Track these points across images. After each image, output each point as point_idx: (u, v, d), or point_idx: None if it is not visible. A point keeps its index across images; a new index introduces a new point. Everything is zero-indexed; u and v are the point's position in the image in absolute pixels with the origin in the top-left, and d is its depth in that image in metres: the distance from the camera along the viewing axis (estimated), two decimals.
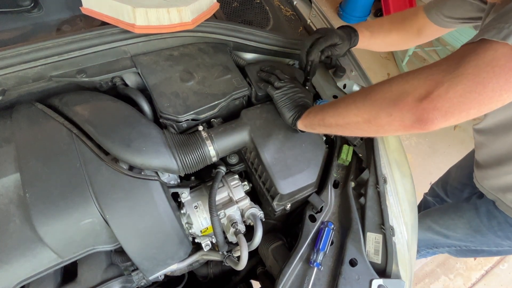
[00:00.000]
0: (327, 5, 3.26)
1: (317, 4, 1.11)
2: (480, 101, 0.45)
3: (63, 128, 0.65)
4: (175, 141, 0.70)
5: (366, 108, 0.56)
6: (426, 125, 0.48)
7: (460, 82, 0.45)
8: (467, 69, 0.45)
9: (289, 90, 0.76)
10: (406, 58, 2.78)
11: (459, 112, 0.46)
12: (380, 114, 0.53)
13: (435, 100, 0.46)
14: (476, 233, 0.99)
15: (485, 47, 0.45)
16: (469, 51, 0.46)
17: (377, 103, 0.54)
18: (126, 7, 0.71)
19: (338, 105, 0.63)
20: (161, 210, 0.65)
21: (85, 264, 0.75)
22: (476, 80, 0.44)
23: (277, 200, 0.74)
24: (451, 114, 0.46)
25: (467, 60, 0.45)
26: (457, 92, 0.45)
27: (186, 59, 0.82)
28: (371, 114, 0.55)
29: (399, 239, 0.73)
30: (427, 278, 1.83)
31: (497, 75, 0.43)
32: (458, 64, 0.46)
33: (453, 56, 0.48)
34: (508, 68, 0.43)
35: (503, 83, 0.43)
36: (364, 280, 0.65)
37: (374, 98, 0.54)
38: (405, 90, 0.50)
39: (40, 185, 0.59)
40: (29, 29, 0.86)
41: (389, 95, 0.52)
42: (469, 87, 0.44)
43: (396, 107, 0.50)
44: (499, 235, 0.93)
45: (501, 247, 0.99)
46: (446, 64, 0.47)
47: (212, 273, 0.94)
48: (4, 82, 0.69)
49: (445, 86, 0.45)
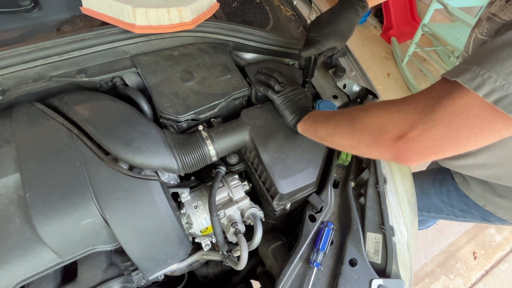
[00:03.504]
0: (327, 5, 3.27)
1: (317, 4, 1.11)
2: (455, 146, 0.45)
3: (63, 128, 0.65)
4: (175, 141, 0.70)
5: (349, 135, 0.57)
6: (403, 162, 0.50)
7: (435, 127, 0.44)
8: (442, 114, 0.43)
9: (290, 93, 0.75)
10: (406, 58, 2.78)
11: (435, 154, 0.46)
12: (361, 145, 0.55)
13: (410, 141, 0.46)
14: (424, 195, 1.09)
15: (460, 92, 0.42)
16: (446, 91, 0.44)
17: (358, 133, 0.55)
18: (126, 7, 0.71)
19: (329, 121, 0.63)
20: (161, 210, 0.65)
21: (85, 264, 0.75)
22: (450, 127, 0.43)
23: (277, 200, 0.74)
24: (427, 155, 0.47)
25: (443, 104, 0.44)
26: (431, 136, 0.45)
27: (186, 59, 0.82)
28: (354, 142, 0.56)
29: (399, 239, 0.73)
30: (427, 278, 1.83)
31: (471, 124, 0.42)
32: (434, 107, 0.44)
33: (432, 93, 0.47)
34: (482, 117, 0.41)
35: (477, 131, 0.42)
36: (364, 280, 0.65)
37: (357, 127, 0.55)
38: (384, 125, 0.50)
39: (40, 185, 0.59)
40: (29, 29, 0.86)
41: (370, 127, 0.52)
42: (443, 133, 0.44)
43: (375, 143, 0.51)
44: (444, 200, 1.04)
45: (440, 213, 1.10)
46: (424, 104, 0.46)
47: (212, 273, 0.94)
48: (4, 82, 0.69)
49: (420, 129, 0.45)
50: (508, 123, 0.40)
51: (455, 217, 1.07)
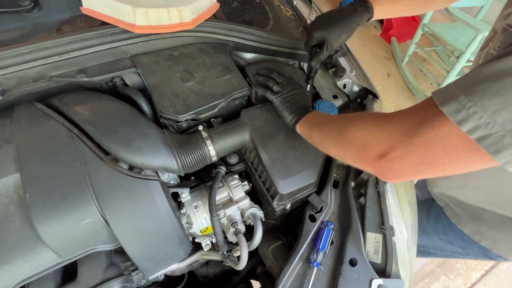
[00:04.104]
0: (327, 5, 3.27)
1: (317, 4, 1.11)
2: (434, 171, 0.45)
3: (63, 128, 0.65)
4: (175, 141, 0.70)
5: (337, 147, 0.58)
6: (385, 179, 0.51)
7: (414, 152, 0.44)
8: (421, 141, 0.43)
9: (288, 93, 0.76)
10: (406, 58, 2.79)
11: (415, 175, 0.47)
12: (347, 158, 0.56)
13: (391, 161, 0.47)
14: (423, 233, 1.02)
15: (441, 120, 0.41)
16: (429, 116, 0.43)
17: (344, 146, 0.56)
18: (126, 7, 0.71)
19: (322, 128, 0.64)
20: (161, 210, 0.65)
21: (85, 264, 0.75)
22: (428, 154, 0.43)
23: (277, 200, 0.74)
24: (407, 175, 0.47)
25: (423, 131, 0.43)
26: (411, 160, 0.45)
27: (186, 59, 0.82)
28: (341, 154, 0.58)
29: (399, 239, 0.73)
30: (427, 278, 1.83)
31: (449, 153, 0.42)
32: (415, 131, 0.44)
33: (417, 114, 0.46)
34: (460, 149, 0.41)
35: (455, 161, 0.42)
36: (364, 280, 0.65)
37: (345, 140, 0.56)
38: (368, 142, 0.50)
39: (40, 185, 0.59)
40: (29, 29, 0.86)
41: (355, 142, 0.53)
42: (421, 159, 0.44)
43: (359, 158, 0.53)
44: (442, 238, 0.98)
45: (445, 251, 1.03)
46: (407, 126, 0.46)
47: (212, 273, 0.94)
48: (4, 82, 0.69)
49: (400, 152, 0.46)
50: (487, 159, 0.39)
51: (459, 255, 1.00)
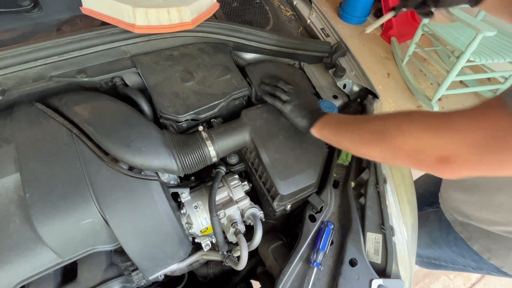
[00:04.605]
0: (327, 5, 3.26)
1: (317, 4, 1.11)
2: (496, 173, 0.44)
3: (63, 128, 0.65)
4: (175, 141, 0.70)
5: (381, 149, 0.54)
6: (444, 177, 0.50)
7: (484, 166, 0.43)
8: (494, 158, 0.41)
9: (296, 100, 0.74)
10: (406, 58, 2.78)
11: (475, 174, 0.45)
12: (396, 160, 0.53)
13: (451, 164, 0.44)
14: (435, 244, 0.98)
15: None
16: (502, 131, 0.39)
17: (392, 149, 0.52)
18: (126, 7, 0.71)
19: (353, 130, 0.60)
20: (161, 210, 0.65)
21: (85, 264, 0.75)
22: (501, 170, 0.42)
23: (278, 201, 0.74)
24: (467, 175, 0.45)
25: (498, 150, 0.40)
26: (477, 169, 0.43)
27: (186, 59, 0.82)
28: (386, 156, 0.55)
29: (399, 239, 0.73)
30: (427, 278, 1.83)
31: None
32: (487, 148, 0.40)
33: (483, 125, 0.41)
34: None
35: None
36: (364, 280, 0.65)
37: (391, 144, 0.52)
38: (423, 147, 0.47)
39: (40, 185, 0.59)
40: (29, 29, 0.86)
41: (406, 148, 0.49)
42: (491, 172, 0.42)
43: (412, 162, 0.50)
44: (454, 250, 0.92)
45: (456, 264, 0.97)
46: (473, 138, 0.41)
47: (212, 273, 0.94)
48: (4, 82, 0.69)
49: (467, 163, 0.43)
50: None
51: (472, 269, 0.93)
